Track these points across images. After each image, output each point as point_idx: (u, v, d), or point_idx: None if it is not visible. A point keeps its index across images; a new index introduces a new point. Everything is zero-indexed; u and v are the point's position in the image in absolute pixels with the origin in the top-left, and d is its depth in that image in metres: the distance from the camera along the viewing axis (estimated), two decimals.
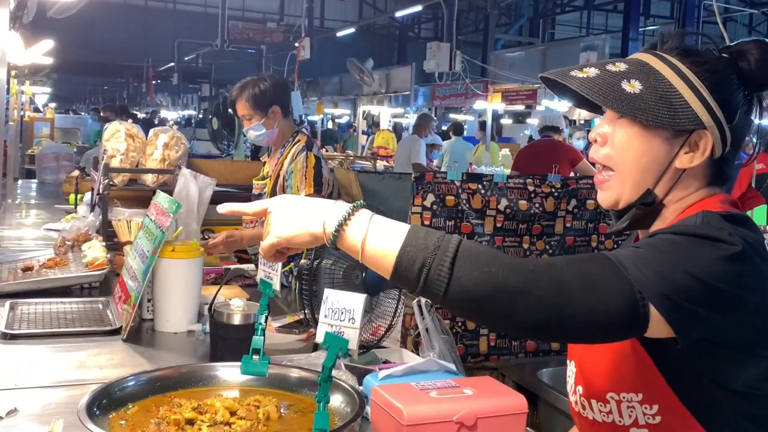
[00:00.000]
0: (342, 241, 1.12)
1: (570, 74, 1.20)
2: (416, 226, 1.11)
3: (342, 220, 1.11)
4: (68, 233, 3.15)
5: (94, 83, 34.05)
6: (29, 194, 6.09)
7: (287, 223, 1.16)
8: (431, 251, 1.05)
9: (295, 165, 3.08)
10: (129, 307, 2.19)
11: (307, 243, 1.16)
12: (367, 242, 1.10)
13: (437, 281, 1.04)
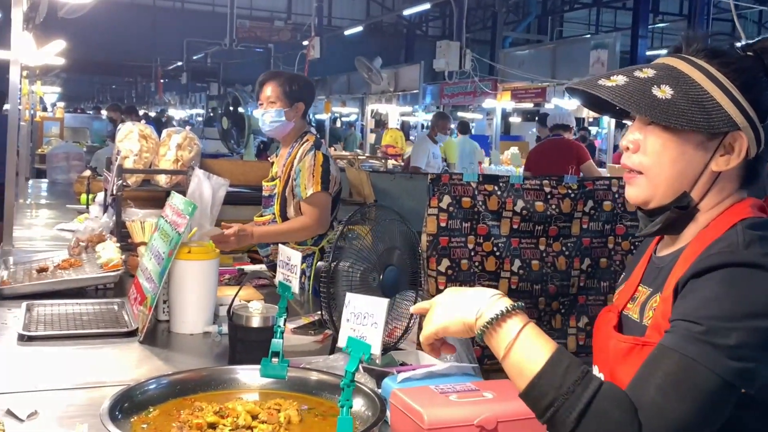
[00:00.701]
0: (488, 338, 1.13)
1: (598, 83, 1.19)
2: (560, 352, 1.09)
3: (495, 318, 1.12)
4: (82, 234, 3.16)
5: (103, 82, 34.16)
6: (40, 194, 6.10)
7: (445, 313, 1.18)
8: (564, 393, 1.04)
9: (303, 164, 3.10)
10: (145, 309, 2.19)
11: (461, 332, 1.17)
12: (511, 352, 1.10)
13: (562, 424, 1.04)
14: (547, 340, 1.11)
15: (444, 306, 1.20)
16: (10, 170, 3.80)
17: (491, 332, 1.12)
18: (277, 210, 3.20)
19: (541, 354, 1.08)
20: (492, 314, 1.12)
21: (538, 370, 1.07)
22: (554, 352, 1.08)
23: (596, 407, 1.03)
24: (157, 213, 3.05)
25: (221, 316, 2.33)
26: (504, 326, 1.12)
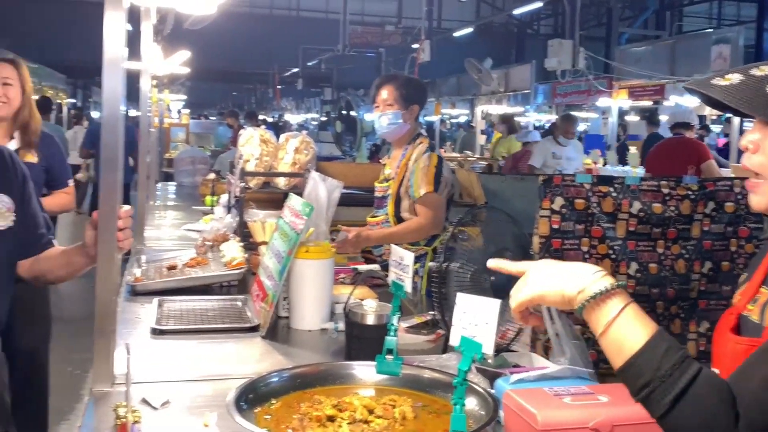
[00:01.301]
0: (589, 313, 1.14)
1: (712, 83, 1.16)
2: (660, 334, 1.09)
3: (598, 294, 1.13)
4: (208, 234, 3.33)
5: (224, 89, 35.61)
6: (168, 196, 6.44)
7: (545, 281, 1.20)
8: (661, 375, 1.04)
9: (418, 164, 3.17)
10: (267, 306, 2.30)
11: (557, 303, 1.19)
12: (611, 329, 1.11)
13: (655, 406, 1.05)
14: (648, 321, 1.11)
15: (542, 275, 1.20)
16: (141, 174, 4.05)
17: (593, 307, 1.13)
18: (391, 210, 3.27)
19: (641, 334, 1.08)
20: (596, 290, 1.13)
21: (637, 349, 1.07)
22: (655, 333, 1.08)
23: (693, 392, 1.02)
24: (276, 214, 3.18)
25: (337, 313, 2.41)
26: (607, 303, 1.12)
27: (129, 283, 2.79)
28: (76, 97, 26.23)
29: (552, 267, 1.21)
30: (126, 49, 1.76)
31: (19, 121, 3.19)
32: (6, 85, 3.14)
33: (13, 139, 3.20)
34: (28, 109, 3.22)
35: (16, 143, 3.19)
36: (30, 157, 3.21)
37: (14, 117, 3.18)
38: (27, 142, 3.21)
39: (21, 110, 3.19)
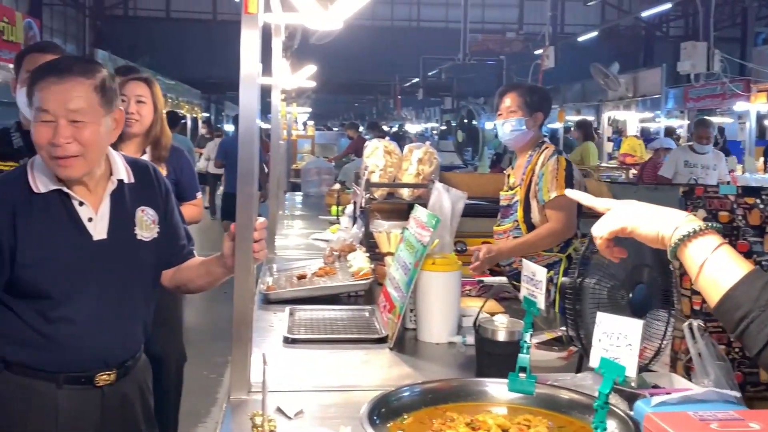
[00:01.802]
0: (683, 252, 1.15)
1: None
2: (759, 271, 1.08)
3: (689, 233, 1.14)
4: (335, 244, 3.39)
5: (347, 101, 36.37)
6: (295, 206, 6.63)
7: (639, 218, 1.21)
8: (762, 305, 1.02)
9: (546, 167, 3.11)
10: (394, 317, 2.31)
11: (650, 239, 1.20)
12: (706, 264, 1.11)
13: (754, 339, 1.02)
14: (744, 259, 1.09)
15: (634, 211, 1.22)
16: (272, 185, 4.18)
17: (687, 245, 1.13)
18: (521, 216, 3.22)
19: (738, 269, 1.07)
20: (690, 228, 1.13)
21: (735, 282, 1.05)
22: (753, 269, 1.06)
23: None
24: (401, 224, 3.20)
25: (465, 327, 2.39)
26: (702, 240, 1.12)
27: (262, 292, 2.88)
28: (210, 112, 27.53)
29: (644, 206, 1.23)
30: (260, 66, 1.82)
31: (151, 136, 3.36)
32: (140, 102, 3.31)
33: (146, 153, 3.37)
34: (160, 125, 3.38)
35: (148, 157, 3.36)
36: (160, 170, 3.36)
37: (146, 132, 3.35)
38: (158, 156, 3.36)
39: (153, 126, 3.35)
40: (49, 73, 1.77)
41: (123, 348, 1.94)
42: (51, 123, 1.74)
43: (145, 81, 3.39)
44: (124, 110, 3.20)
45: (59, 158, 1.76)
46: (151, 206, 1.97)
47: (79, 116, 1.76)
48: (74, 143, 1.76)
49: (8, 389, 1.84)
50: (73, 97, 1.76)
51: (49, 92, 1.74)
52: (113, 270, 1.88)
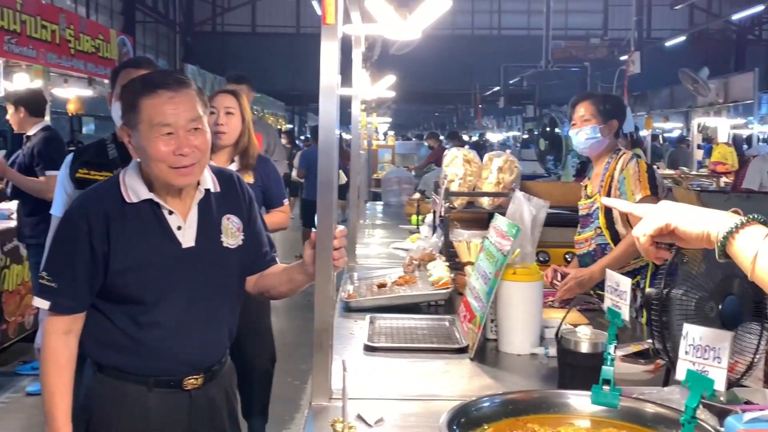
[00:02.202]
0: (731, 250, 1.12)
1: None
2: None
3: (735, 226, 1.11)
4: (415, 253, 3.40)
5: (427, 111, 36.42)
6: (376, 215, 6.67)
7: (686, 212, 1.20)
8: None
9: (626, 171, 3.06)
10: (474, 327, 2.29)
11: (694, 237, 1.17)
12: (758, 257, 1.07)
13: None
14: None
15: (676, 210, 1.20)
16: (352, 193, 4.23)
17: (735, 238, 1.10)
18: (603, 223, 3.16)
19: None
20: (735, 222, 1.11)
21: None
22: None
23: None
24: (481, 234, 3.18)
25: (547, 338, 2.35)
26: (749, 230, 1.10)
27: (342, 300, 2.91)
28: (293, 123, 28.07)
29: (684, 206, 1.21)
30: (339, 76, 1.84)
31: (239, 146, 3.47)
32: (228, 114, 3.43)
33: (234, 162, 3.48)
34: (247, 135, 3.49)
35: (236, 166, 3.48)
36: (248, 178, 3.47)
37: (235, 143, 3.46)
38: (246, 165, 3.47)
39: (241, 137, 3.47)
40: (158, 87, 1.82)
41: (209, 353, 1.99)
42: (171, 135, 1.81)
43: (232, 93, 3.51)
44: (215, 122, 3.39)
45: (182, 167, 1.82)
46: (236, 214, 2.02)
47: (197, 124, 1.84)
48: (195, 151, 1.83)
49: (102, 391, 1.92)
50: (189, 107, 1.83)
51: (167, 106, 1.80)
52: (201, 277, 1.94)
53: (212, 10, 26.18)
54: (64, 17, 7.24)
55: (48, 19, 6.80)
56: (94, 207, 1.88)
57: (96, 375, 1.93)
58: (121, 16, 20.60)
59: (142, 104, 1.82)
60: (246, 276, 2.09)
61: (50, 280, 1.86)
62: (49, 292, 1.86)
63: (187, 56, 23.34)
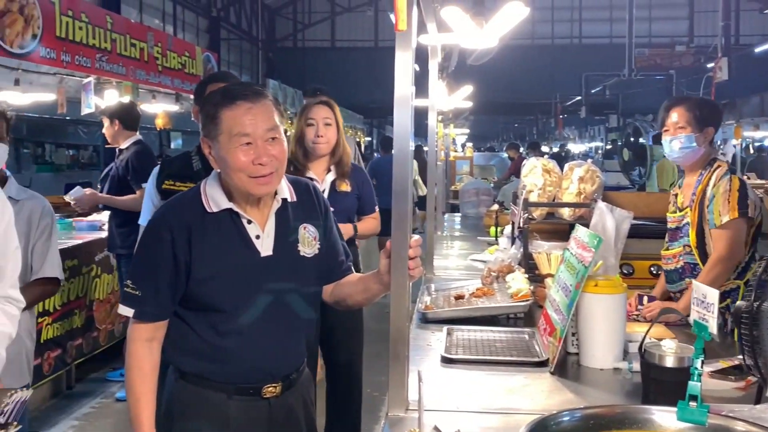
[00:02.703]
0: None
1: None
2: None
3: None
4: (493, 264, 3.36)
5: (506, 121, 36.11)
6: (454, 227, 6.64)
7: None
8: None
9: (716, 189, 2.90)
10: (555, 340, 2.24)
11: None
12: None
13: None
14: None
15: None
16: (429, 205, 4.22)
17: None
18: (693, 241, 3.01)
19: None
20: None
21: None
22: None
23: None
24: (561, 245, 3.11)
25: (631, 352, 2.27)
26: None
27: (420, 311, 2.90)
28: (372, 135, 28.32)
29: None
30: (413, 87, 1.84)
31: (336, 155, 3.56)
32: (327, 125, 3.52)
33: (330, 171, 3.57)
34: (342, 144, 3.58)
35: (333, 175, 3.56)
36: (344, 186, 3.56)
37: (332, 152, 3.56)
38: (341, 173, 3.56)
39: (337, 146, 3.56)
40: (236, 98, 1.86)
41: (287, 361, 2.01)
42: (250, 145, 1.85)
43: (328, 105, 3.59)
44: (315, 133, 3.48)
45: (261, 177, 1.86)
46: (312, 223, 2.04)
47: (274, 133, 1.87)
48: (273, 160, 1.86)
49: (184, 398, 1.96)
50: (267, 117, 1.87)
51: (245, 117, 1.84)
52: (279, 285, 1.96)
53: (293, 26, 26.72)
54: (152, 35, 7.52)
55: (137, 38, 7.08)
56: (176, 217, 1.93)
57: (178, 382, 1.97)
58: (207, 34, 21.26)
59: (222, 115, 1.86)
60: (322, 285, 2.11)
61: (134, 288, 1.91)
62: (134, 300, 1.91)
63: (270, 71, 23.90)
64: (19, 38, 4.73)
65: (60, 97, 6.39)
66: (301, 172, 3.48)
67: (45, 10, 5.11)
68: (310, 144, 3.50)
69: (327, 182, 3.54)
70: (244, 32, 24.06)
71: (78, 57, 5.88)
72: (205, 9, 21.17)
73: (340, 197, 3.49)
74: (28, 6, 4.83)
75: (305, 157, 3.54)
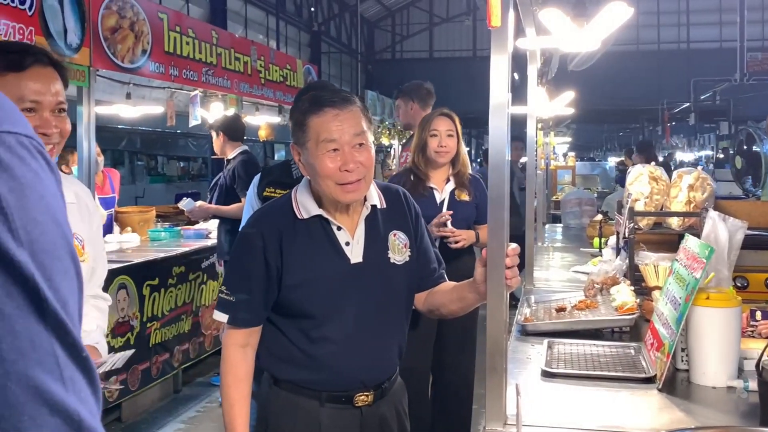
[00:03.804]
0: None
1: None
2: None
3: None
4: (596, 276, 3.23)
5: (610, 130, 35.14)
6: (555, 238, 6.48)
7: None
8: None
9: None
10: (663, 356, 2.12)
11: None
12: None
13: None
14: None
15: None
16: (528, 215, 4.12)
17: None
18: None
19: None
20: None
21: None
22: None
23: None
24: (670, 256, 2.96)
25: (746, 370, 2.13)
26: None
27: (519, 323, 2.82)
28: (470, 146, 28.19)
29: None
30: (509, 94, 1.79)
31: (456, 166, 3.65)
32: (449, 136, 3.62)
33: (450, 181, 3.64)
34: (462, 155, 3.69)
35: (452, 184, 3.63)
36: (464, 196, 3.64)
37: (452, 161, 3.65)
38: (461, 183, 3.64)
39: (457, 157, 3.65)
40: (324, 105, 1.87)
41: (379, 369, 1.99)
42: (337, 152, 1.85)
43: (450, 117, 3.69)
44: (438, 143, 3.56)
45: (348, 183, 1.85)
46: (402, 230, 2.01)
47: (361, 139, 1.87)
48: (360, 167, 1.85)
49: (278, 404, 1.97)
50: (354, 123, 1.86)
51: (332, 123, 1.84)
52: (369, 292, 1.94)
53: (391, 38, 26.99)
54: (255, 49, 7.73)
55: (240, 52, 7.29)
56: (267, 223, 1.95)
57: (272, 388, 1.98)
58: (308, 48, 21.77)
59: (310, 122, 1.87)
60: (414, 293, 2.08)
61: (228, 294, 1.94)
62: (228, 306, 1.94)
63: (368, 83, 24.21)
64: (129, 53, 4.95)
65: (169, 110, 6.66)
66: (423, 182, 3.59)
67: (154, 26, 5.33)
68: (432, 154, 3.60)
69: (446, 191, 3.62)
70: (343, 45, 24.49)
71: (185, 71, 6.11)
72: (307, 24, 21.69)
73: (460, 206, 3.58)
74: (138, 22, 5.05)
75: (426, 167, 3.64)
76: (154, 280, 4.97)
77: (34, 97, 1.64)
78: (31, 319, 0.51)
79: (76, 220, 1.82)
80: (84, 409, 0.52)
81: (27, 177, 0.53)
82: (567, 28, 2.64)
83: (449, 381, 3.66)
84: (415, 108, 4.58)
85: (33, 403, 0.49)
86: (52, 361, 0.51)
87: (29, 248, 0.52)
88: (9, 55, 1.64)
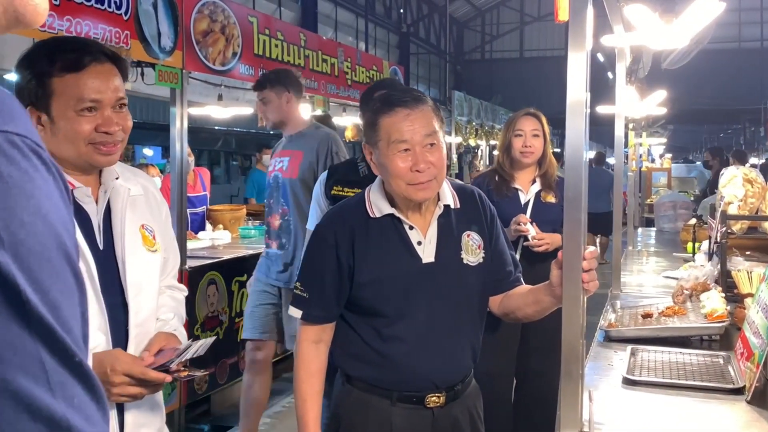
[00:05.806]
0: None
1: None
2: None
3: None
4: (686, 282, 3.11)
5: (709, 131, 33.79)
6: (648, 242, 6.27)
7: None
8: None
9: None
10: (753, 366, 2.02)
11: None
12: None
13: None
14: None
15: None
16: (616, 218, 4.00)
17: None
18: None
19: None
20: None
21: None
22: None
23: None
24: (765, 262, 2.82)
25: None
26: None
27: (602, 328, 2.74)
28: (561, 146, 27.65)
29: None
30: (587, 93, 1.73)
31: (542, 167, 3.58)
32: (535, 136, 3.55)
33: (536, 182, 3.57)
34: (548, 156, 3.60)
35: (538, 186, 3.56)
36: (550, 197, 3.55)
37: (538, 162, 3.58)
38: (547, 185, 3.56)
39: (543, 157, 3.58)
40: (395, 105, 1.86)
41: (451, 371, 1.97)
42: (408, 152, 1.84)
43: (536, 116, 3.63)
44: (522, 143, 3.51)
45: (419, 183, 1.85)
46: (476, 231, 1.99)
47: (432, 139, 1.86)
48: (431, 167, 1.85)
49: (350, 402, 1.98)
50: (425, 123, 1.86)
51: (404, 123, 1.84)
52: (441, 293, 1.93)
53: (481, 38, 26.79)
54: (342, 51, 7.82)
55: (328, 53, 7.38)
56: (340, 221, 1.97)
57: (345, 386, 2.00)
58: (397, 49, 21.87)
59: (381, 122, 1.87)
60: (489, 295, 2.05)
61: (303, 290, 1.97)
62: (302, 302, 1.96)
63: (457, 84, 24.11)
64: (221, 56, 5.09)
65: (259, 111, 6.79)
66: (507, 182, 3.54)
67: (244, 29, 5.45)
68: (517, 154, 3.54)
69: (532, 193, 3.55)
70: (432, 46, 24.47)
71: None
72: (396, 25, 21.80)
73: (546, 208, 3.50)
74: (228, 26, 5.18)
75: (511, 167, 3.59)
76: (243, 276, 5.08)
77: (93, 95, 1.63)
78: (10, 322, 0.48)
79: (144, 211, 1.84)
80: (76, 415, 0.50)
81: (14, 176, 0.51)
82: (654, 25, 2.54)
83: (534, 386, 3.58)
84: (291, 100, 3.86)
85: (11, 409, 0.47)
86: (37, 366, 0.49)
87: (12, 250, 0.49)
88: (66, 54, 1.63)
